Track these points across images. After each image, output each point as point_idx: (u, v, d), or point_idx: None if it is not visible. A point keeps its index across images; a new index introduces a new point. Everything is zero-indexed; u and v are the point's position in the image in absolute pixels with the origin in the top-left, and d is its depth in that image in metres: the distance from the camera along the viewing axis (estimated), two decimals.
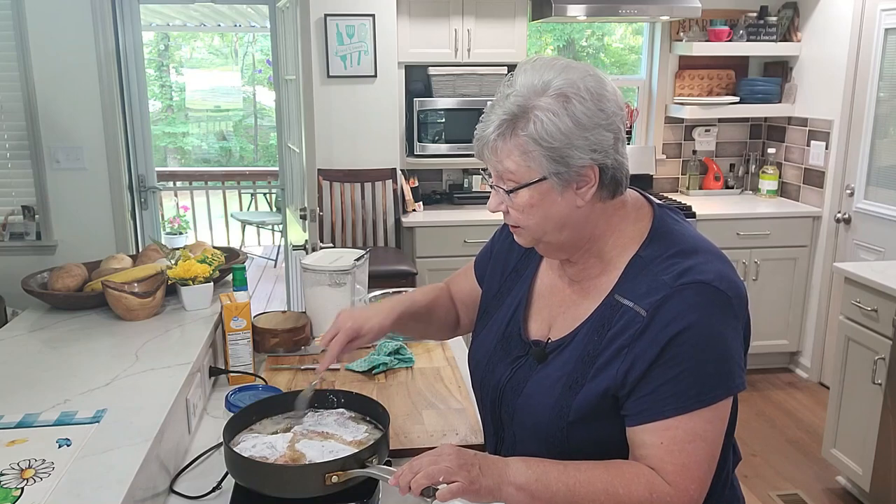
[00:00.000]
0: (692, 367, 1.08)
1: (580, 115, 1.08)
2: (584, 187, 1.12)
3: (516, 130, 1.10)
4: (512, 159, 1.13)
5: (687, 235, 1.19)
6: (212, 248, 2.23)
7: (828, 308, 4.23)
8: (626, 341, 1.11)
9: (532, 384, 1.22)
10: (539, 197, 1.14)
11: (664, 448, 1.08)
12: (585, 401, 1.14)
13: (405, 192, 4.30)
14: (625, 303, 1.14)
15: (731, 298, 1.11)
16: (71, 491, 1.13)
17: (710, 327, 1.09)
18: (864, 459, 2.98)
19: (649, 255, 1.16)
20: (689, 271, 1.11)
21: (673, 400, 1.08)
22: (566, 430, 1.15)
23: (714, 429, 1.10)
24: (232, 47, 14.06)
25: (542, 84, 1.10)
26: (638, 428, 1.11)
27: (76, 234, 3.83)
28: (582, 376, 1.15)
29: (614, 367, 1.12)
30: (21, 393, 1.48)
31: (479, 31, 4.22)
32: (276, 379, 1.86)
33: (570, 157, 1.09)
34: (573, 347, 1.19)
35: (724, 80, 4.71)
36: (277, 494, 1.22)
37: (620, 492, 1.08)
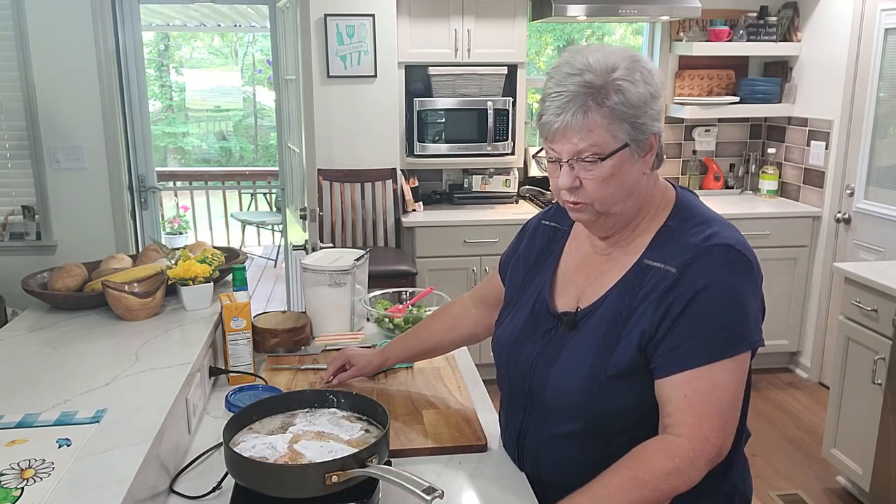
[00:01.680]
0: (716, 320, 1.16)
1: (649, 87, 1.19)
2: (648, 154, 1.23)
3: (600, 103, 1.17)
4: (596, 131, 1.18)
5: (706, 209, 1.30)
6: (212, 248, 2.23)
7: (828, 308, 4.23)
8: (657, 295, 1.20)
9: (566, 352, 1.28)
10: (618, 165, 1.20)
11: (687, 400, 1.16)
12: (623, 356, 1.21)
13: (405, 192, 4.30)
14: (654, 265, 1.23)
15: (751, 262, 1.21)
16: (71, 491, 1.13)
17: (734, 284, 1.18)
18: (864, 459, 2.98)
19: (676, 224, 1.26)
20: (715, 236, 1.21)
21: (698, 350, 1.16)
22: (603, 390, 1.22)
23: (735, 380, 1.17)
24: (232, 47, 14.07)
25: (610, 63, 1.18)
26: (665, 381, 1.18)
27: (76, 234, 3.83)
28: (616, 335, 1.23)
29: (646, 318, 1.20)
30: (21, 393, 1.48)
31: (479, 31, 4.22)
32: (276, 379, 1.86)
33: (645, 125, 1.20)
34: (604, 310, 1.26)
35: (723, 80, 4.71)
36: (277, 494, 1.22)
37: (647, 477, 1.14)
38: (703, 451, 1.15)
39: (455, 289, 4.14)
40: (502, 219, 4.16)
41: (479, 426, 1.61)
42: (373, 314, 2.23)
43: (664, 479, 1.14)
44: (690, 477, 1.16)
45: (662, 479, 1.14)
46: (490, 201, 4.48)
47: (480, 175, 4.48)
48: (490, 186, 4.49)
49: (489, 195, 4.49)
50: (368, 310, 2.24)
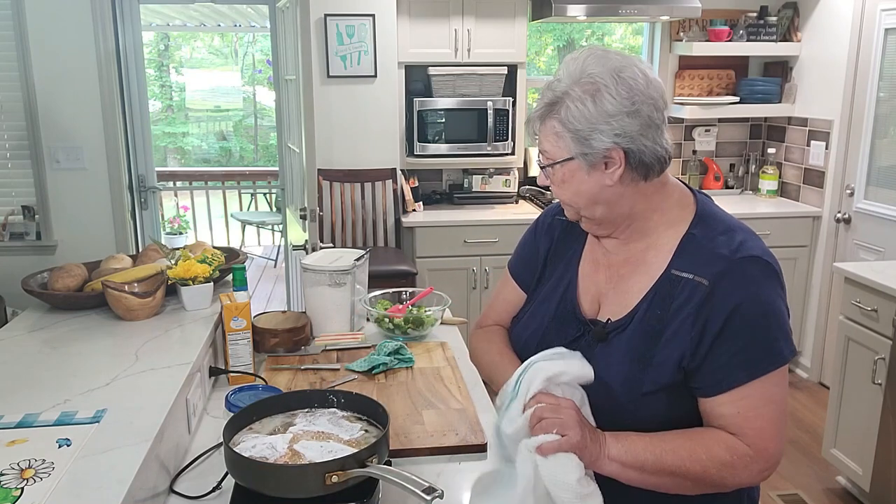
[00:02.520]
0: (756, 337, 1.17)
1: (606, 103, 1.18)
2: (612, 168, 1.22)
3: (551, 115, 1.23)
4: (548, 139, 1.25)
5: (727, 216, 1.29)
6: (212, 248, 2.23)
7: (828, 308, 4.23)
8: (693, 309, 1.19)
9: (596, 363, 1.25)
10: (569, 174, 1.25)
11: (742, 416, 1.17)
12: (660, 373, 1.21)
13: (405, 192, 4.30)
14: (684, 276, 1.22)
15: (777, 272, 1.21)
16: (71, 491, 1.13)
17: (768, 298, 1.18)
18: (864, 459, 2.98)
19: (700, 232, 1.25)
20: (743, 246, 1.20)
21: (745, 366, 1.16)
22: (637, 403, 1.22)
23: (782, 390, 1.19)
24: (232, 47, 14.07)
25: (579, 73, 1.21)
26: (712, 400, 1.19)
27: (76, 234, 3.83)
28: (650, 350, 1.22)
29: (683, 335, 1.19)
30: (21, 393, 1.48)
31: (479, 31, 4.22)
32: (276, 379, 1.86)
33: (594, 140, 1.20)
34: (635, 324, 1.25)
35: (723, 80, 4.71)
36: (277, 494, 1.22)
37: (703, 457, 1.16)
38: (761, 459, 1.18)
39: (455, 289, 4.15)
40: (502, 219, 4.16)
41: (479, 426, 1.61)
42: (373, 314, 2.23)
43: (716, 467, 1.17)
44: (741, 477, 1.18)
45: (714, 466, 1.16)
46: (490, 201, 4.48)
47: (480, 175, 4.48)
48: (490, 186, 4.49)
49: (489, 195, 4.49)
50: (368, 310, 2.24)
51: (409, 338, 2.14)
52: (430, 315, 2.17)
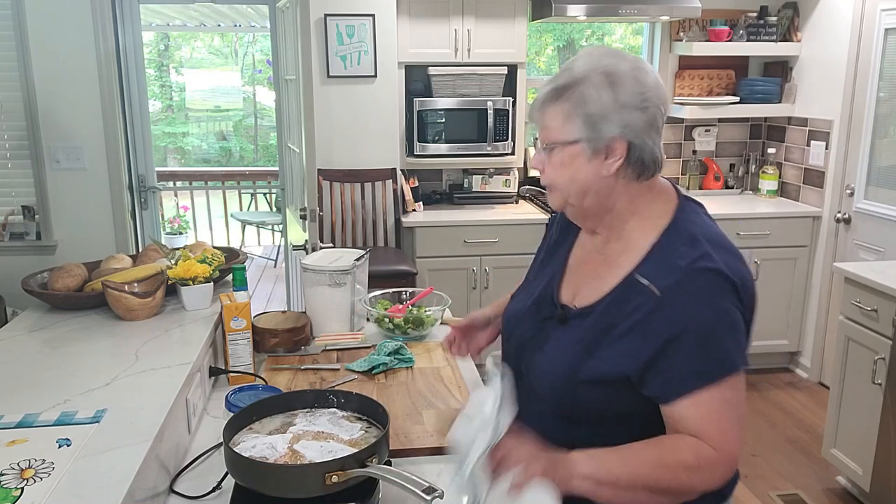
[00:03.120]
0: (709, 344, 1.19)
1: (619, 93, 1.23)
2: (612, 159, 1.26)
3: (564, 96, 1.26)
4: (556, 120, 1.28)
5: (705, 228, 1.30)
6: (212, 248, 2.24)
7: (828, 308, 4.23)
8: (641, 317, 1.22)
9: (551, 343, 1.34)
10: (569, 158, 1.28)
11: (705, 419, 1.20)
12: (597, 368, 1.26)
13: (405, 192, 4.30)
14: (643, 282, 1.24)
15: (736, 284, 1.22)
16: (71, 491, 1.13)
17: (721, 309, 1.20)
18: (864, 459, 2.99)
19: (668, 241, 1.28)
20: (702, 259, 1.22)
21: (697, 375, 1.19)
22: (576, 390, 1.28)
23: (739, 394, 1.23)
24: (232, 47, 14.07)
25: (597, 65, 1.26)
26: (672, 407, 1.21)
27: (76, 234, 3.83)
28: (597, 343, 1.27)
29: (630, 339, 1.23)
30: (21, 393, 1.48)
31: (479, 31, 4.22)
32: (276, 379, 1.86)
33: (603, 127, 1.24)
34: (594, 317, 1.30)
35: (723, 80, 4.71)
36: (277, 494, 1.22)
37: (672, 462, 1.19)
38: (725, 461, 1.20)
39: (455, 289, 4.15)
40: (502, 219, 4.16)
41: None
42: (373, 314, 2.23)
43: (684, 472, 1.19)
44: (707, 480, 1.21)
45: (683, 472, 1.19)
46: (490, 201, 4.49)
47: (480, 175, 4.48)
48: (490, 186, 4.49)
49: (489, 195, 4.49)
50: (368, 310, 2.24)
51: (409, 338, 2.15)
52: (430, 315, 2.17)
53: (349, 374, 1.90)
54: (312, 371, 1.91)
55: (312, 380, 1.87)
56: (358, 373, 1.90)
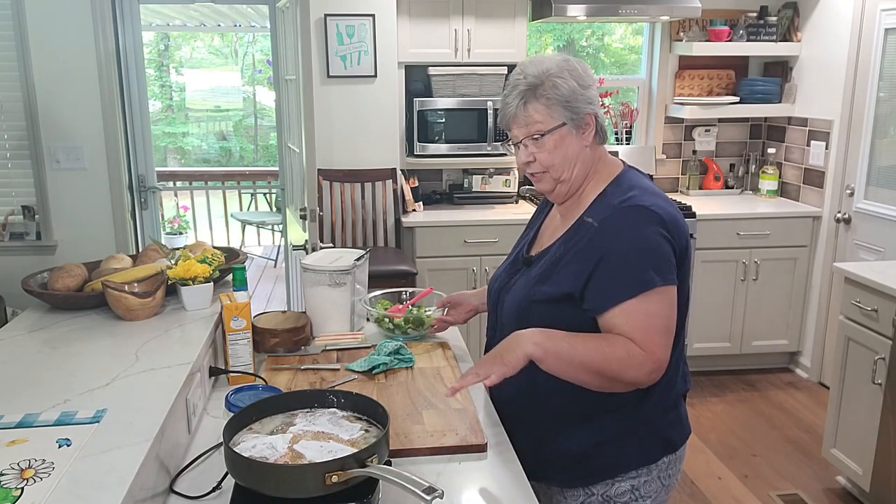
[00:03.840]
0: (631, 264, 1.45)
1: (578, 79, 1.53)
2: (588, 131, 1.56)
3: (538, 94, 1.52)
4: (539, 113, 1.53)
5: (643, 183, 1.59)
6: (212, 248, 2.23)
7: (828, 308, 4.23)
8: (583, 245, 1.52)
9: (518, 283, 1.65)
10: (560, 139, 1.54)
11: (630, 325, 1.44)
12: (546, 291, 1.55)
13: (405, 192, 4.30)
14: (587, 220, 1.55)
15: (661, 217, 1.48)
16: (71, 491, 1.13)
17: (643, 233, 1.46)
18: (864, 459, 2.99)
19: (610, 190, 1.58)
20: (632, 199, 1.51)
21: (622, 289, 1.45)
22: (530, 309, 1.57)
23: (664, 308, 1.46)
24: (232, 47, 14.06)
25: (548, 65, 1.53)
26: (605, 316, 1.47)
27: (76, 234, 3.84)
28: (550, 272, 1.57)
29: (575, 263, 1.51)
30: (21, 393, 1.48)
31: (479, 31, 4.22)
32: (276, 379, 1.86)
33: (578, 107, 1.53)
34: (549, 254, 1.60)
35: (723, 80, 4.71)
36: (277, 494, 1.22)
37: (606, 350, 1.44)
38: (649, 359, 1.43)
39: (455, 289, 4.12)
40: (502, 219, 4.16)
41: (479, 426, 1.61)
42: (373, 314, 2.23)
43: (615, 361, 1.43)
44: (633, 373, 1.44)
45: (614, 360, 1.43)
46: (490, 201, 4.49)
47: (480, 175, 4.48)
48: (490, 186, 4.49)
49: (489, 195, 4.49)
50: (368, 310, 2.24)
51: (409, 338, 2.15)
52: (430, 315, 2.17)
53: (349, 374, 1.90)
54: (312, 371, 1.91)
55: (312, 380, 1.87)
56: (358, 373, 1.90)
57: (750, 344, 4.42)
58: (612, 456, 1.58)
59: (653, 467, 1.59)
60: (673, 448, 1.62)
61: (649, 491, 1.60)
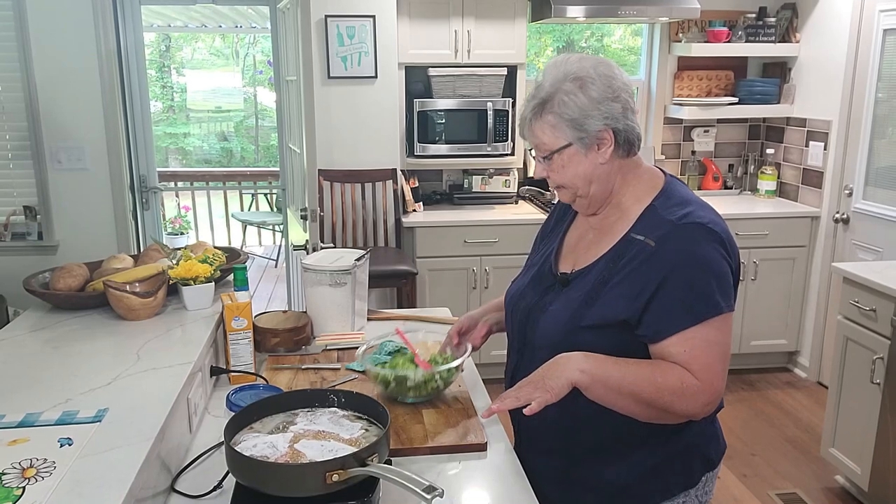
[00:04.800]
0: (696, 285, 1.34)
1: (592, 92, 1.40)
2: (604, 147, 1.43)
3: (545, 111, 1.43)
4: (545, 133, 1.44)
5: (691, 195, 1.48)
6: (213, 248, 2.24)
7: (826, 308, 4.24)
8: (637, 265, 1.39)
9: (556, 304, 1.50)
10: (568, 159, 1.44)
11: (688, 354, 1.34)
12: (598, 313, 1.41)
13: (405, 193, 4.31)
14: (637, 238, 1.41)
15: (720, 236, 1.38)
16: (72, 490, 1.14)
17: (707, 255, 1.36)
18: (863, 459, 2.99)
19: (660, 204, 1.44)
20: (690, 215, 1.39)
21: (684, 313, 1.34)
22: (576, 334, 1.42)
23: (724, 335, 1.36)
24: (233, 48, 14.06)
25: (563, 74, 1.42)
26: (660, 345, 1.36)
27: (78, 234, 3.84)
28: (597, 293, 1.43)
29: (627, 285, 1.38)
30: (23, 392, 1.49)
31: (479, 32, 4.23)
32: (277, 378, 1.87)
33: (587, 125, 1.40)
34: (593, 273, 1.46)
35: (722, 80, 4.72)
36: (278, 493, 1.23)
37: (658, 380, 1.33)
38: (706, 391, 1.34)
39: (455, 289, 4.16)
40: (502, 219, 4.17)
41: (479, 426, 1.62)
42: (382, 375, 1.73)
43: (668, 392, 1.33)
44: (687, 405, 1.34)
45: (667, 391, 1.33)
46: (490, 201, 4.49)
47: (480, 175, 4.48)
48: (490, 187, 4.49)
49: (489, 195, 4.50)
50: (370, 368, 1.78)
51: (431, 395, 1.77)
52: (449, 356, 1.81)
53: (350, 374, 1.91)
54: (313, 370, 1.92)
55: (313, 379, 1.88)
56: (358, 372, 1.91)
57: (749, 344, 4.43)
58: (654, 484, 1.47)
59: (691, 490, 1.50)
60: (712, 466, 1.53)
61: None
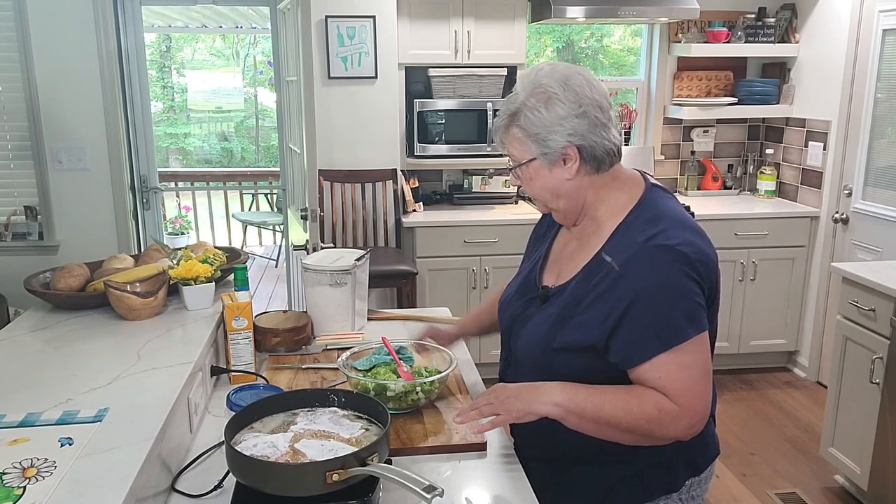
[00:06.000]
0: (661, 312, 1.32)
1: (558, 109, 1.37)
2: (569, 163, 1.41)
3: (513, 124, 1.43)
4: (513, 145, 1.45)
5: (669, 209, 1.43)
6: (213, 248, 2.25)
7: (825, 308, 4.24)
8: (603, 290, 1.37)
9: (534, 318, 1.51)
10: (533, 172, 1.44)
11: (664, 379, 1.32)
12: (568, 336, 1.41)
13: (405, 193, 4.32)
14: (607, 259, 1.39)
15: (689, 257, 1.33)
16: (73, 490, 1.14)
17: (672, 280, 1.32)
18: (862, 458, 3.00)
19: (631, 220, 1.41)
20: (658, 236, 1.35)
21: (653, 340, 1.32)
22: (550, 356, 1.44)
23: (699, 357, 1.34)
24: (233, 49, 14.06)
25: (533, 85, 1.40)
26: (634, 371, 1.35)
27: (78, 234, 3.85)
28: (570, 315, 1.42)
29: (596, 309, 1.38)
30: (23, 392, 1.49)
31: (479, 32, 4.23)
32: (277, 378, 1.87)
33: (551, 141, 1.39)
34: (568, 292, 1.46)
35: (722, 81, 4.72)
36: (279, 493, 1.23)
37: (635, 410, 1.32)
38: (686, 414, 1.32)
39: (455, 289, 4.16)
40: (502, 219, 4.17)
41: (478, 426, 1.62)
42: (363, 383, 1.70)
43: (644, 420, 1.32)
44: (668, 431, 1.33)
45: (644, 420, 1.32)
46: (490, 202, 4.50)
47: (480, 176, 4.49)
48: (490, 187, 4.50)
49: (489, 195, 4.50)
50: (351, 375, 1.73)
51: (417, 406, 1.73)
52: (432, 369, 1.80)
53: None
54: (313, 370, 1.93)
55: (313, 379, 1.88)
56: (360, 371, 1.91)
57: (748, 343, 4.43)
58: (637, 487, 1.48)
59: (674, 494, 1.50)
60: (697, 471, 1.52)
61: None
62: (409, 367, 1.78)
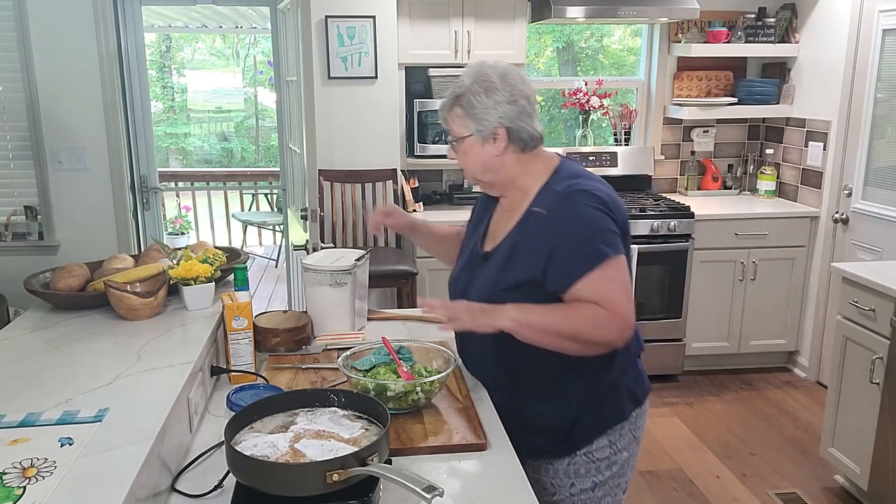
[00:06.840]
0: (583, 239, 1.60)
1: (496, 96, 1.68)
2: (498, 142, 1.70)
3: (456, 104, 1.72)
4: (455, 122, 1.75)
5: (583, 171, 1.75)
6: (213, 248, 2.25)
7: (825, 308, 4.24)
8: (535, 233, 1.67)
9: (481, 275, 1.78)
10: (469, 147, 1.74)
11: (594, 293, 1.58)
12: (511, 276, 1.68)
13: (405, 193, 4.32)
14: (535, 210, 1.69)
15: (601, 197, 1.64)
16: (73, 490, 1.14)
17: (587, 214, 1.62)
18: (862, 458, 3.00)
19: (553, 180, 1.72)
20: (574, 184, 1.67)
21: (580, 264, 1.59)
22: (499, 297, 1.65)
23: (620, 273, 1.61)
24: (233, 49, 14.07)
25: (476, 76, 1.71)
26: (570, 292, 1.60)
27: (78, 234, 3.85)
28: (510, 260, 1.70)
29: (532, 249, 1.65)
30: (23, 392, 1.50)
31: (479, 32, 4.23)
32: (277, 378, 1.87)
33: (485, 120, 1.69)
34: (505, 246, 1.74)
35: (722, 81, 4.72)
36: (279, 493, 1.23)
37: (574, 318, 1.58)
38: (615, 318, 1.56)
39: None
40: None
41: (479, 426, 1.62)
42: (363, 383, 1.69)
43: (583, 325, 1.56)
44: (603, 333, 1.57)
45: (582, 324, 1.56)
46: None
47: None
48: None
49: None
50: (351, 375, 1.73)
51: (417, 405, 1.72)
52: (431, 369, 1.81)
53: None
54: (313, 370, 1.93)
55: (313, 379, 1.88)
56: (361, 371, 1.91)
57: (748, 343, 4.43)
58: (593, 421, 1.74)
59: (625, 423, 1.77)
60: (639, 402, 1.81)
61: (624, 444, 1.79)
62: (409, 367, 1.78)
